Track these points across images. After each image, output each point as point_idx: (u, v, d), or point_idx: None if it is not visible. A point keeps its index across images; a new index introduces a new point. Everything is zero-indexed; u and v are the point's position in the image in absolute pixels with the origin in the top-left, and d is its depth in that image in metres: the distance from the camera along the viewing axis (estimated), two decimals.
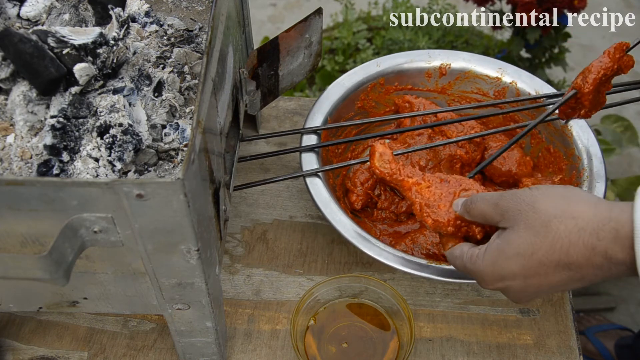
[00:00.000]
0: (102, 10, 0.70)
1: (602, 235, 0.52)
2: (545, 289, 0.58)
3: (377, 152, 0.73)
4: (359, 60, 1.76)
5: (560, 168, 0.91)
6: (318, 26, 0.88)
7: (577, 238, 0.53)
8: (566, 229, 0.54)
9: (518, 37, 1.63)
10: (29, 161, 0.61)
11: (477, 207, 0.62)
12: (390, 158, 0.72)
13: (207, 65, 0.61)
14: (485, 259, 0.60)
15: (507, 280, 0.59)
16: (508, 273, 0.58)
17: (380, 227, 0.90)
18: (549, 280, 0.57)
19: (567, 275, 0.55)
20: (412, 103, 0.97)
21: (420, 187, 0.69)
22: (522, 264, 0.57)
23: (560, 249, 0.54)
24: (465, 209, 0.64)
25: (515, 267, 0.57)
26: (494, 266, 0.59)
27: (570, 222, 0.54)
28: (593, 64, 0.79)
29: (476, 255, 0.61)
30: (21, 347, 0.80)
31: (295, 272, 0.87)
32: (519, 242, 0.57)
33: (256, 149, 1.00)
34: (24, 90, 0.62)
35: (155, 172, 0.65)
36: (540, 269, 0.56)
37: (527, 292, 0.59)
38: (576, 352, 0.80)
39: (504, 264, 0.58)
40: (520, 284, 0.58)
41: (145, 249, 0.57)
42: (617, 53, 0.78)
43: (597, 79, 0.78)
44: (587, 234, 0.53)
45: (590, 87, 0.78)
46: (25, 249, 0.57)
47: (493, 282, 0.60)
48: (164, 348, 0.80)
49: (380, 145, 0.73)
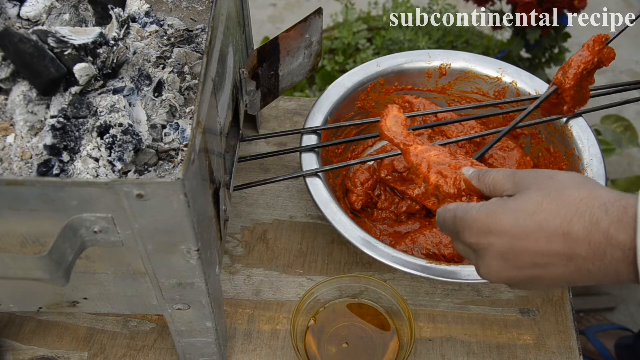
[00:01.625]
0: (102, 10, 0.70)
1: (610, 209, 0.51)
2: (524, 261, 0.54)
3: (392, 113, 0.70)
4: (359, 60, 1.76)
5: (560, 168, 0.91)
6: (318, 26, 0.88)
7: (586, 208, 0.51)
8: (579, 196, 0.52)
9: (518, 37, 1.63)
10: (29, 161, 0.61)
11: (491, 175, 0.59)
12: (403, 122, 0.70)
13: (207, 65, 0.61)
14: (482, 209, 0.56)
15: (493, 235, 0.55)
16: (498, 227, 0.55)
17: (380, 227, 0.90)
18: (537, 248, 0.53)
19: (557, 249, 0.52)
20: (412, 103, 0.97)
21: (429, 154, 0.66)
22: (517, 222, 0.54)
23: (564, 216, 0.52)
24: (477, 175, 0.61)
25: (508, 223, 0.54)
26: (487, 216, 0.55)
27: (584, 191, 0.52)
28: (573, 58, 0.78)
29: (472, 206, 0.57)
30: (21, 347, 0.80)
31: (295, 272, 0.87)
32: (524, 199, 0.54)
33: (256, 149, 1.00)
34: (24, 90, 0.62)
35: (155, 172, 0.65)
36: (533, 233, 0.53)
37: (506, 258, 0.55)
38: (576, 352, 0.80)
39: (499, 216, 0.55)
40: (505, 245, 0.55)
41: (145, 249, 0.57)
42: (597, 45, 0.77)
43: (578, 73, 0.77)
44: (597, 206, 0.51)
45: (571, 82, 0.77)
46: (25, 249, 0.57)
47: (478, 234, 0.56)
48: (164, 348, 0.80)
49: (395, 107, 0.71)
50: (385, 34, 1.78)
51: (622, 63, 2.24)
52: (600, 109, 0.92)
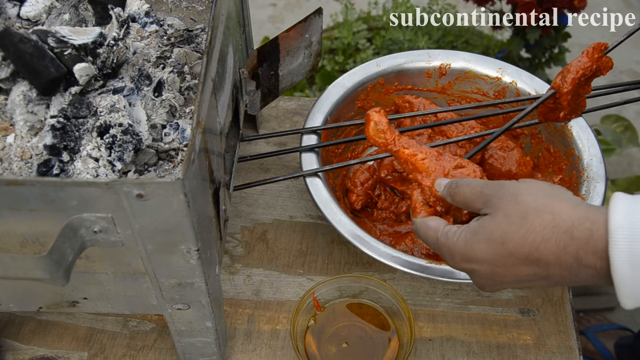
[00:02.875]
0: (102, 10, 0.70)
1: (576, 234, 0.52)
2: (510, 280, 0.57)
3: (372, 120, 0.70)
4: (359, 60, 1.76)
5: (560, 168, 0.91)
6: (318, 26, 0.88)
7: (551, 234, 0.53)
8: (542, 223, 0.53)
9: (518, 37, 1.63)
10: (29, 161, 0.61)
11: (461, 192, 0.61)
12: (385, 127, 0.70)
13: (207, 65, 0.61)
14: (460, 238, 0.59)
15: (474, 263, 0.58)
16: (477, 256, 0.57)
17: (380, 227, 0.90)
18: (515, 272, 0.56)
19: (534, 271, 0.55)
20: (412, 103, 0.97)
21: (415, 159, 0.67)
22: (492, 251, 0.56)
23: (532, 243, 0.54)
24: (449, 192, 0.63)
25: (486, 252, 0.57)
26: (465, 246, 0.58)
27: (547, 217, 0.53)
28: (572, 63, 0.79)
29: (452, 232, 0.60)
30: (21, 347, 0.80)
31: (295, 272, 0.87)
32: (493, 228, 0.56)
33: (256, 149, 1.00)
34: (24, 90, 0.62)
35: (155, 172, 0.65)
36: (508, 259, 0.55)
37: (493, 279, 0.58)
38: (576, 352, 0.80)
39: (476, 246, 0.57)
40: (487, 270, 0.58)
41: (145, 249, 0.57)
42: (596, 53, 0.78)
43: (576, 78, 0.78)
44: (562, 232, 0.52)
45: (569, 86, 0.78)
46: (25, 249, 0.57)
47: (461, 262, 0.59)
48: (164, 348, 0.80)
49: (375, 114, 0.70)
50: (385, 34, 1.78)
51: (622, 63, 2.24)
52: (600, 109, 0.92)
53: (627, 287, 0.50)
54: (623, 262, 0.49)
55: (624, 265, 0.49)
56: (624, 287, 0.50)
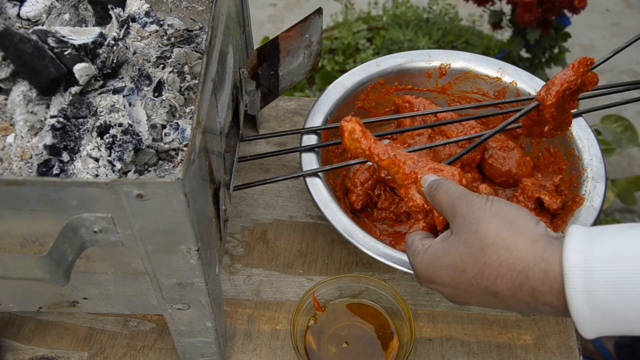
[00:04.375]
0: (102, 10, 0.70)
1: (530, 275, 0.51)
2: (473, 303, 0.58)
3: (346, 130, 0.68)
4: (359, 60, 1.76)
5: (560, 168, 0.91)
6: (318, 26, 0.88)
7: (506, 272, 0.53)
8: (498, 259, 0.53)
9: (518, 37, 1.63)
10: (29, 161, 0.61)
11: (438, 196, 0.61)
12: (359, 135, 0.68)
13: (207, 65, 0.61)
14: (423, 259, 0.60)
15: (437, 285, 0.59)
16: (438, 280, 0.58)
17: (380, 227, 0.90)
18: (476, 299, 0.57)
19: (493, 301, 0.56)
20: (412, 103, 0.97)
21: (395, 169, 0.67)
22: (452, 277, 0.57)
23: (488, 277, 0.54)
24: (430, 191, 0.63)
25: (446, 277, 0.57)
26: (427, 269, 0.59)
27: (504, 253, 0.53)
28: (557, 76, 0.79)
29: (418, 251, 0.61)
30: (21, 347, 0.80)
31: (295, 272, 0.87)
32: (454, 255, 0.56)
33: (256, 149, 1.00)
34: (24, 90, 0.62)
35: (155, 172, 0.65)
36: (468, 287, 0.56)
37: (457, 300, 0.59)
38: (576, 352, 0.80)
39: (437, 271, 0.58)
40: (450, 292, 0.59)
41: (145, 249, 0.57)
42: (581, 67, 0.78)
43: (560, 91, 0.78)
44: (516, 271, 0.52)
45: (552, 99, 0.78)
46: (25, 249, 0.57)
47: (426, 282, 0.60)
48: (164, 348, 0.80)
49: (348, 123, 0.68)
50: (385, 34, 1.78)
51: (622, 63, 2.24)
52: (600, 109, 0.93)
53: (587, 324, 0.49)
54: (580, 301, 0.48)
55: (581, 305, 0.49)
56: (585, 323, 0.50)
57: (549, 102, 0.78)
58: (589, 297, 0.48)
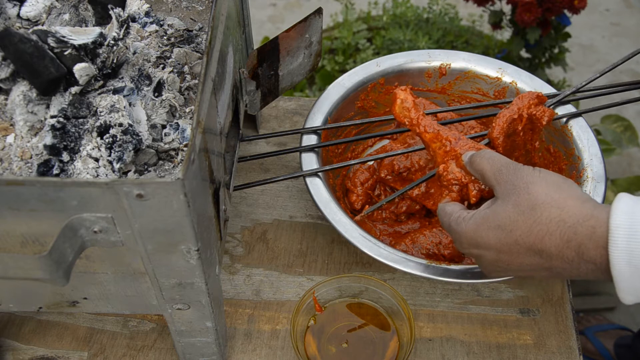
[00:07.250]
0: (102, 10, 0.70)
1: (579, 230, 0.54)
2: (514, 268, 0.60)
3: (399, 98, 0.74)
4: (359, 60, 1.76)
5: (561, 168, 0.91)
6: (318, 26, 0.88)
7: (556, 228, 0.55)
8: (549, 216, 0.56)
9: (518, 37, 1.63)
10: (29, 161, 0.61)
11: (480, 163, 0.64)
12: (410, 105, 0.74)
13: (207, 65, 0.61)
14: (470, 223, 0.62)
15: (481, 248, 0.61)
16: (484, 242, 0.60)
17: (380, 227, 0.90)
18: (519, 260, 0.59)
19: (537, 262, 0.57)
20: None
21: (438, 145, 0.72)
22: (499, 238, 0.59)
23: (537, 234, 0.56)
24: (470, 161, 0.66)
25: (492, 239, 0.59)
26: (474, 232, 0.61)
27: (554, 211, 0.56)
28: (503, 110, 0.79)
29: (462, 217, 0.63)
30: (21, 347, 0.80)
31: (295, 272, 0.87)
32: (503, 216, 0.59)
33: (256, 149, 1.00)
34: (24, 90, 0.62)
35: (155, 172, 0.65)
36: (513, 247, 0.58)
37: (497, 265, 0.61)
38: (576, 352, 0.80)
39: (484, 232, 0.60)
40: (493, 256, 0.60)
41: (145, 249, 0.57)
42: (527, 100, 0.79)
43: (504, 126, 0.78)
44: (567, 226, 0.55)
45: (497, 133, 0.78)
46: (25, 249, 0.57)
47: (469, 246, 0.62)
48: (164, 348, 0.80)
49: (402, 92, 0.74)
50: (385, 34, 1.78)
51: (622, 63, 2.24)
52: (600, 109, 0.92)
53: (625, 283, 0.52)
54: (621, 259, 0.51)
55: (622, 263, 0.52)
56: (623, 283, 0.53)
57: (494, 135, 0.79)
58: (630, 257, 0.51)
